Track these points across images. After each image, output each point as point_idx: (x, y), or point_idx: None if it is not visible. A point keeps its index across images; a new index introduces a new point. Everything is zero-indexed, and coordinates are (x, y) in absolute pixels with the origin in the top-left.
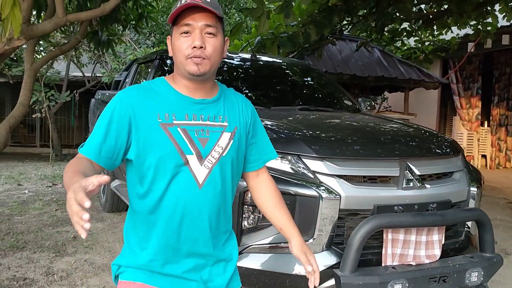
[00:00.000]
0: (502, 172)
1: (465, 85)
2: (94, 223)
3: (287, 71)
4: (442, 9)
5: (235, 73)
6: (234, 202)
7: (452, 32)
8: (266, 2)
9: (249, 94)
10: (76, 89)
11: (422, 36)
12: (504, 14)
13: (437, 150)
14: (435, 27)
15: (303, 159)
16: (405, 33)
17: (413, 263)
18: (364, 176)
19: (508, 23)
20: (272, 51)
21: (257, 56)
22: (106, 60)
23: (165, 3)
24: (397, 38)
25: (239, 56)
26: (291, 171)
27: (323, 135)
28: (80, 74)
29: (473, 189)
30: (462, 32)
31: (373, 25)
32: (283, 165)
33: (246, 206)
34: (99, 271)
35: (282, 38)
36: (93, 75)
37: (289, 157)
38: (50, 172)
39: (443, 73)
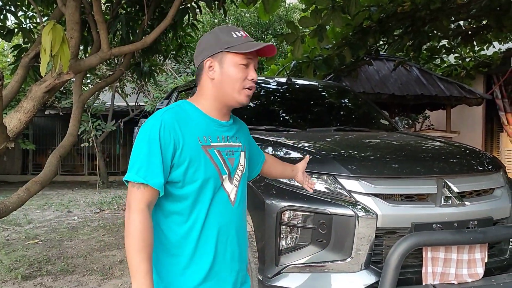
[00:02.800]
0: None
1: (511, 100)
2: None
3: (322, 93)
4: (481, 24)
5: (272, 97)
6: (271, 222)
7: (494, 47)
8: (300, 27)
9: (285, 117)
10: (121, 118)
11: (462, 52)
12: None
13: (477, 167)
14: (475, 43)
15: (338, 179)
16: (444, 50)
17: (455, 282)
18: (400, 195)
19: None
20: (308, 74)
21: (293, 80)
22: (148, 90)
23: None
24: (436, 56)
25: (275, 81)
26: (326, 191)
27: (358, 154)
28: (124, 104)
29: None
30: (505, 47)
31: (410, 44)
32: (319, 185)
33: (283, 227)
34: None
35: (317, 61)
36: (136, 104)
37: (325, 177)
38: (97, 199)
39: (486, 89)
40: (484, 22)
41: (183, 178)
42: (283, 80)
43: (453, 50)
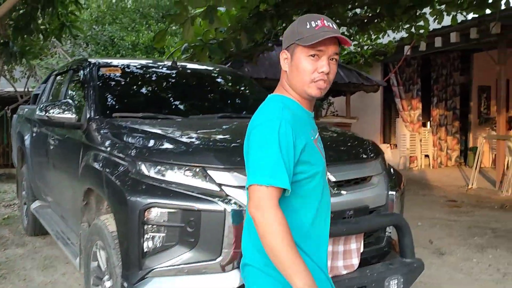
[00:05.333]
0: (444, 171)
1: (405, 88)
2: (13, 249)
3: (211, 78)
4: (375, 13)
5: (153, 82)
6: (133, 221)
7: (388, 36)
8: (190, 8)
9: (167, 104)
10: (8, 105)
11: (361, 40)
12: (435, 16)
13: (355, 155)
14: (371, 32)
15: (208, 171)
16: None
17: (330, 275)
18: None
19: (439, 26)
20: (202, 58)
21: (178, 64)
22: (39, 74)
23: (99, 13)
24: None
25: (160, 65)
26: (195, 184)
27: (234, 144)
28: (12, 89)
29: (392, 193)
30: (399, 36)
31: None
32: (186, 178)
33: (148, 226)
34: None
35: (212, 45)
36: (26, 89)
37: (195, 170)
38: None
39: (384, 76)
40: (378, 11)
41: (308, 174)
42: (169, 63)
43: (351, 38)
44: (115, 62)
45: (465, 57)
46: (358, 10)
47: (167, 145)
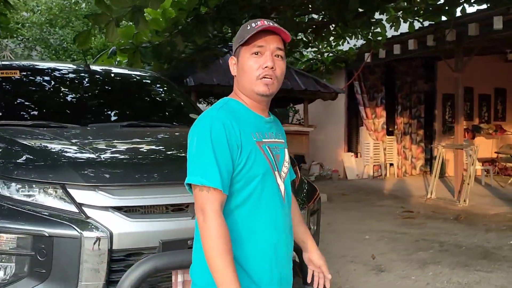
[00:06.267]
0: (408, 180)
1: (369, 95)
2: None
3: (124, 84)
4: (328, 19)
5: (50, 87)
6: None
7: (349, 43)
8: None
9: (63, 111)
10: None
11: (321, 47)
12: (391, 23)
13: None
14: (331, 38)
15: (68, 189)
16: (302, 44)
17: None
18: (150, 206)
19: (398, 33)
20: (135, 62)
21: (91, 67)
22: None
23: (50, 15)
24: (295, 49)
25: (68, 68)
26: (51, 205)
27: (108, 157)
28: None
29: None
30: (360, 43)
31: None
32: (43, 198)
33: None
34: None
35: (147, 48)
36: None
37: (53, 188)
38: None
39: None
40: (329, 16)
41: (243, 176)
42: (81, 67)
43: (310, 44)
44: (16, 63)
45: (429, 65)
46: (315, 16)
47: (27, 159)
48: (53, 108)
